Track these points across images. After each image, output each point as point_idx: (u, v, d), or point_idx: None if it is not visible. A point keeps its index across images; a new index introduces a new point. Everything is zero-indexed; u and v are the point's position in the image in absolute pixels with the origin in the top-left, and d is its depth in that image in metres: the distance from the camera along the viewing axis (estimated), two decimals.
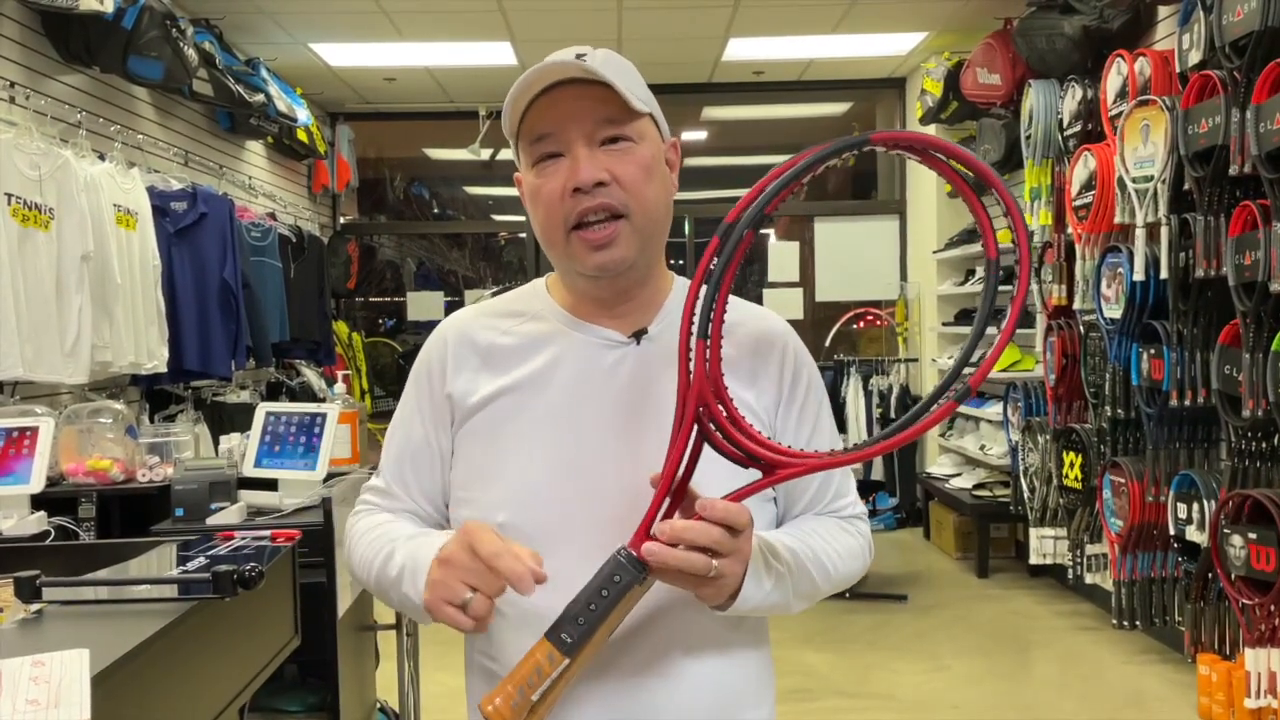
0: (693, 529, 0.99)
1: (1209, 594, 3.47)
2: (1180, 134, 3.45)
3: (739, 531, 1.01)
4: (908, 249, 7.11)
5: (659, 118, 1.18)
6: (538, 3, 5.21)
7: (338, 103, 7.22)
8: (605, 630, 1.00)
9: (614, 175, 1.11)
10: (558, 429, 1.15)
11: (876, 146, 0.97)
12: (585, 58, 1.11)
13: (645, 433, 1.11)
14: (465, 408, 1.19)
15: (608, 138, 1.12)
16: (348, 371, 6.82)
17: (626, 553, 1.00)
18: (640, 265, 1.16)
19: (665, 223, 1.19)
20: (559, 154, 1.12)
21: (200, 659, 1.40)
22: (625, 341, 1.18)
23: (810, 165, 0.97)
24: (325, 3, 5.13)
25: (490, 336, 1.21)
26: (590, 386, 1.16)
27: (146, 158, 4.51)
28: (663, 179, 1.17)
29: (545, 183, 1.13)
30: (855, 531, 1.26)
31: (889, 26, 5.81)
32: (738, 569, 1.04)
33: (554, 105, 1.11)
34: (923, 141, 0.98)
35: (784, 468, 1.02)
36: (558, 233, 1.14)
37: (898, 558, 5.96)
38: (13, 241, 3.23)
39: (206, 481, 2.35)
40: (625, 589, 0.99)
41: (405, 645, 2.90)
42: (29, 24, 3.78)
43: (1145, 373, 3.69)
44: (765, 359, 1.21)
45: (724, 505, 1.00)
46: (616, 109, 1.10)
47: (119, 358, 3.76)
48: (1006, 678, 4.06)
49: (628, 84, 1.12)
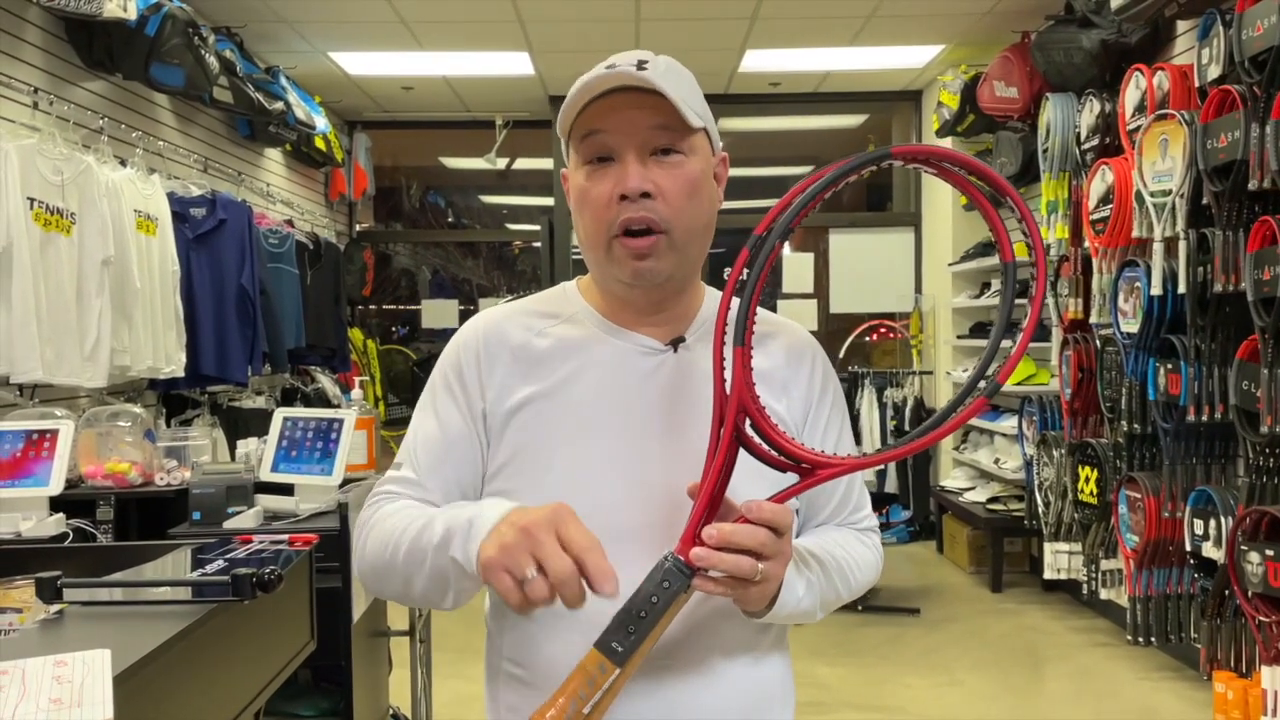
0: (741, 531, 0.99)
1: (1225, 611, 3.45)
2: (1199, 148, 3.44)
3: (783, 533, 1.02)
4: (923, 261, 7.10)
5: (712, 131, 1.19)
6: (556, 13, 5.23)
7: (356, 111, 7.27)
8: (653, 639, 1.00)
9: (660, 189, 1.11)
10: (596, 435, 1.15)
11: (896, 161, 0.98)
12: (648, 65, 1.11)
13: (683, 438, 1.12)
14: (501, 410, 1.18)
15: (659, 149, 1.12)
16: (363, 378, 6.84)
17: (674, 558, 1.00)
18: (677, 277, 1.17)
19: (705, 237, 1.19)
20: (609, 158, 1.13)
21: (218, 661, 1.40)
22: (663, 349, 1.19)
23: (835, 179, 0.98)
24: (345, 13, 5.17)
25: (524, 336, 1.21)
26: (628, 392, 1.17)
27: (167, 164, 4.54)
28: (708, 194, 1.17)
29: (593, 186, 1.13)
30: (870, 544, 1.28)
31: (906, 39, 5.81)
32: (780, 571, 1.04)
33: (611, 111, 1.12)
34: (941, 155, 0.99)
35: (824, 468, 1.03)
36: (601, 237, 1.14)
37: (911, 571, 5.94)
38: (35, 245, 3.26)
39: (224, 486, 2.37)
40: (674, 595, 0.99)
41: (418, 652, 2.90)
42: (53, 30, 3.82)
43: (1162, 387, 3.67)
44: (796, 370, 1.23)
45: (771, 507, 1.01)
46: (672, 121, 1.11)
47: (137, 362, 3.79)
48: (1020, 693, 4.03)
49: (685, 96, 1.12)
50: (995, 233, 1.02)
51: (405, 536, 1.09)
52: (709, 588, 1.01)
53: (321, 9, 5.11)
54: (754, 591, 1.03)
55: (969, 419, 1.00)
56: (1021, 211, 0.98)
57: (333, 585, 2.24)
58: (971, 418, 1.00)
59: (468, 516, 1.02)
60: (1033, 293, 1.00)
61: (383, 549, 1.12)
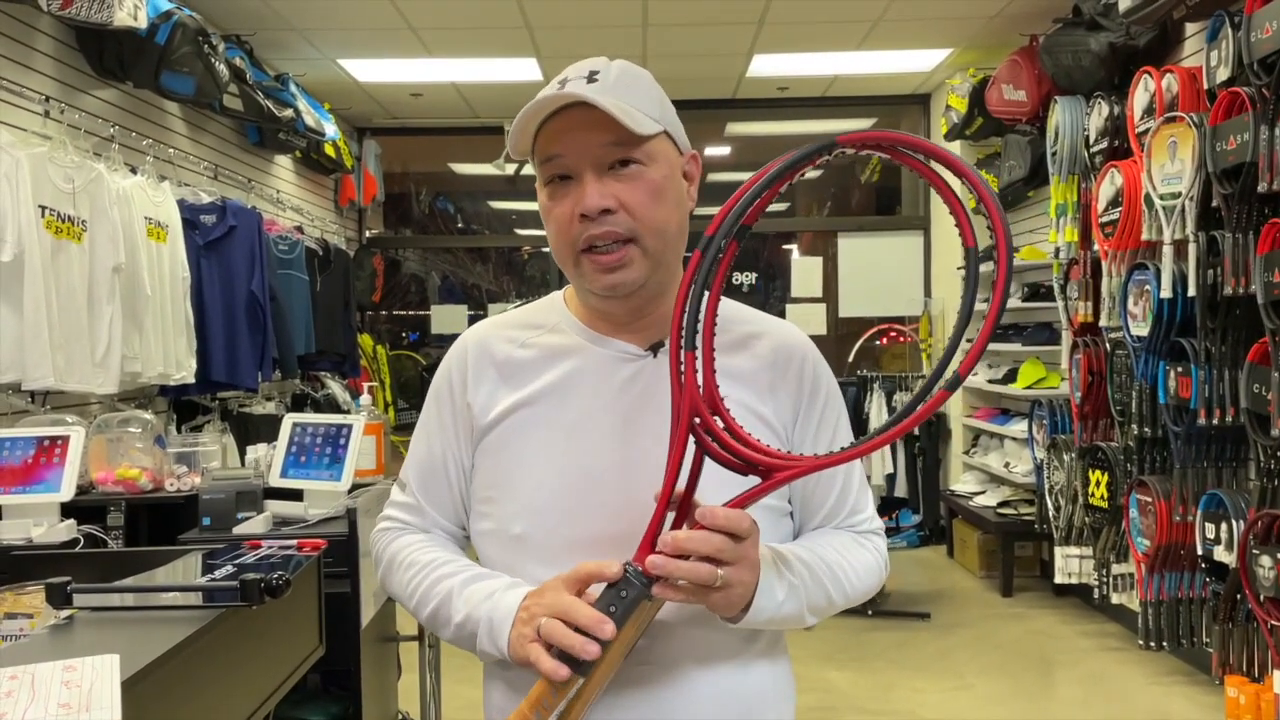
0: (694, 538, 0.99)
1: (1237, 615, 3.43)
2: (1208, 151, 3.43)
3: (742, 538, 1.01)
4: (932, 265, 7.09)
5: (675, 132, 1.17)
6: (563, 20, 5.24)
7: (365, 118, 7.29)
8: (620, 647, 0.99)
9: (622, 202, 1.11)
10: (574, 441, 1.15)
11: (844, 149, 0.95)
12: (598, 76, 1.11)
13: (659, 445, 1.11)
14: (485, 421, 1.20)
15: (617, 160, 1.11)
16: (373, 384, 6.85)
17: (632, 567, 1.00)
18: (653, 284, 1.16)
19: (679, 240, 1.18)
20: (569, 176, 1.12)
21: (226, 666, 1.41)
22: (642, 354, 1.19)
23: (779, 174, 0.96)
24: (354, 20, 5.19)
25: (507, 350, 1.22)
26: (606, 399, 1.17)
27: (177, 171, 4.57)
28: (676, 197, 1.16)
29: (555, 205, 1.14)
30: (871, 547, 1.25)
31: (914, 43, 5.81)
32: (745, 577, 1.03)
33: (565, 131, 1.11)
34: (891, 139, 0.95)
35: (781, 470, 1.01)
36: (568, 254, 1.15)
37: (920, 575, 5.92)
38: (46, 253, 3.28)
39: (233, 491, 2.37)
40: (633, 604, 0.99)
41: (427, 657, 2.91)
42: (64, 39, 3.84)
43: (1172, 391, 3.66)
44: (784, 372, 1.21)
45: (724, 512, 1.00)
46: (624, 133, 1.10)
47: (148, 368, 3.81)
48: (1031, 698, 4.02)
49: (639, 102, 1.11)
50: (956, 216, 0.95)
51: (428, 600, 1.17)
52: (671, 595, 1.01)
53: (330, 16, 5.13)
54: (717, 598, 1.02)
55: (931, 412, 0.95)
56: (980, 193, 0.93)
57: (342, 590, 2.24)
58: (933, 411, 0.96)
59: (486, 613, 1.10)
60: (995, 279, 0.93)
61: (405, 596, 1.21)
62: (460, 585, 1.15)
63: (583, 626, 0.98)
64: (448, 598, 1.15)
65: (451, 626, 1.14)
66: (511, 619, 1.07)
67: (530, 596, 1.07)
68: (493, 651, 1.09)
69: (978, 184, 0.94)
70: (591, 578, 1.03)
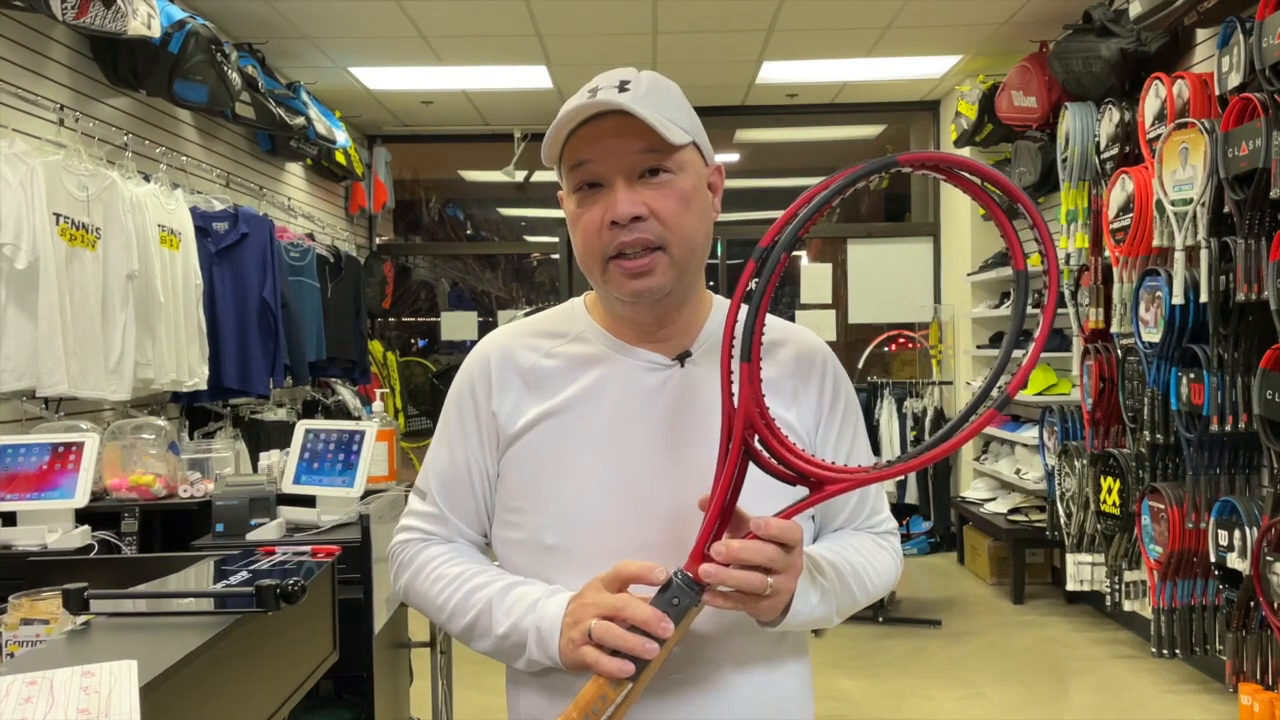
0: (749, 548, 1.00)
1: (1251, 622, 3.41)
2: (1220, 157, 3.42)
3: (792, 548, 1.02)
4: (942, 271, 7.08)
5: (702, 144, 1.18)
6: (573, 27, 5.26)
7: (375, 125, 7.32)
8: (664, 652, 1.00)
9: (652, 210, 1.11)
10: (604, 451, 1.16)
11: (904, 168, 0.96)
12: (629, 86, 1.11)
13: (691, 453, 1.12)
14: (511, 431, 1.20)
15: (648, 169, 1.12)
16: (384, 390, 6.88)
17: (684, 575, 1.01)
18: (678, 291, 1.17)
19: (704, 249, 1.19)
20: (599, 184, 1.13)
21: (242, 672, 1.41)
22: (669, 364, 1.19)
23: (842, 188, 0.96)
24: (366, 28, 5.22)
25: (533, 358, 1.22)
26: (635, 409, 1.17)
27: (190, 179, 4.59)
28: (702, 207, 1.17)
29: (585, 212, 1.14)
30: (889, 547, 1.29)
31: (923, 50, 5.81)
32: (791, 585, 1.05)
33: (596, 138, 1.12)
34: (950, 161, 0.97)
35: (832, 483, 1.03)
36: (596, 261, 1.15)
37: (932, 582, 5.90)
38: (60, 260, 3.29)
39: (247, 498, 2.38)
40: (684, 611, 1.00)
41: (439, 663, 2.91)
42: (78, 48, 3.87)
43: (1185, 397, 3.65)
44: (806, 379, 1.23)
45: (779, 523, 1.01)
46: (656, 142, 1.10)
47: (161, 375, 3.83)
48: (1043, 706, 4.00)
49: (670, 113, 1.12)
50: (1008, 240, 1.00)
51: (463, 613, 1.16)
52: (719, 603, 1.02)
53: (342, 25, 5.16)
54: (764, 605, 1.04)
55: (980, 430, 0.99)
56: (1034, 219, 0.97)
57: (354, 597, 2.24)
58: (982, 429, 0.99)
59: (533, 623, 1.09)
60: (1045, 302, 0.98)
61: (434, 609, 1.21)
62: (498, 596, 1.14)
63: (640, 624, 0.99)
64: (486, 609, 1.14)
65: (492, 638, 1.14)
66: (559, 626, 1.07)
67: (573, 601, 1.08)
68: (544, 660, 1.09)
69: (1032, 211, 0.97)
70: (634, 579, 1.03)
